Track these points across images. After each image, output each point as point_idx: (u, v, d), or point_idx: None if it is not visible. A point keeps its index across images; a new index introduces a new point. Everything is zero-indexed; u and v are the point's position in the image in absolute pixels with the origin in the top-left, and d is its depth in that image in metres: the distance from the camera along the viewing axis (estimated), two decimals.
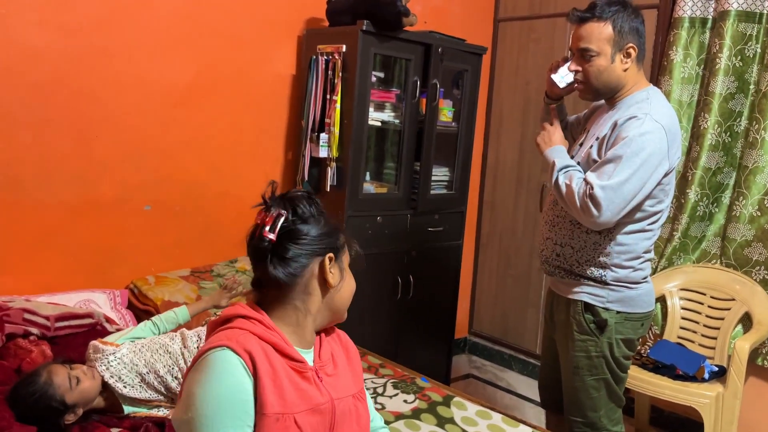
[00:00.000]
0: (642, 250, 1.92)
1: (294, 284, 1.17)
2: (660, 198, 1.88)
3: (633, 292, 1.93)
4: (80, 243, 2.45)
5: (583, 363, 1.96)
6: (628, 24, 1.85)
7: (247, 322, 1.16)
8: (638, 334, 1.98)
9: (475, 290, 4.03)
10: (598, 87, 1.91)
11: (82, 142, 2.41)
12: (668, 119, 1.82)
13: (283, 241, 1.15)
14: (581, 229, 1.93)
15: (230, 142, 2.81)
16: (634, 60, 1.88)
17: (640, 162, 1.75)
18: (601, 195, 1.76)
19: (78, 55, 2.36)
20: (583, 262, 1.94)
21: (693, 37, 2.94)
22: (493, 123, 3.87)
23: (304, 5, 2.94)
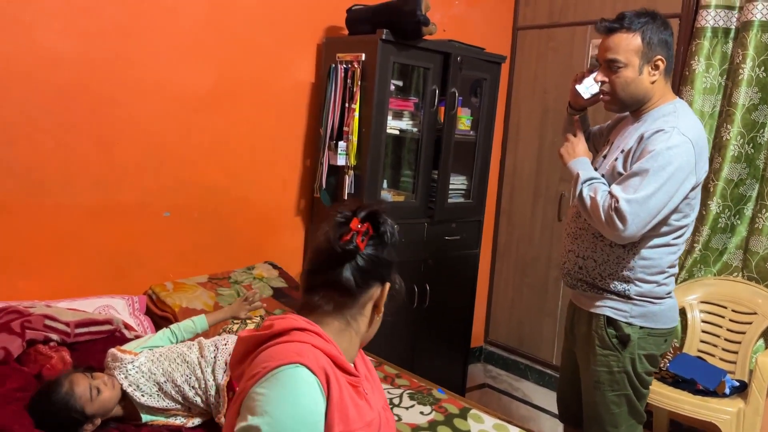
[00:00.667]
0: (666, 264, 1.89)
1: (356, 299, 1.16)
2: (686, 212, 1.86)
3: (657, 307, 1.90)
4: (100, 248, 2.47)
5: (605, 378, 1.93)
6: (657, 36, 1.83)
7: (305, 334, 1.12)
8: (661, 350, 1.95)
9: (491, 299, 4.00)
10: (625, 99, 1.89)
11: (103, 148, 2.43)
12: (696, 132, 1.80)
13: (366, 254, 1.15)
14: (604, 242, 1.90)
15: (249, 148, 2.82)
16: (662, 72, 1.86)
17: (666, 176, 1.74)
18: (627, 209, 1.74)
19: (100, 61, 2.38)
20: (605, 276, 1.91)
21: (715, 47, 2.91)
22: (511, 131, 3.85)
23: (323, 14, 2.95)
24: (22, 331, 1.89)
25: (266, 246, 2.94)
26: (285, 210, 2.99)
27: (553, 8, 3.61)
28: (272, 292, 2.69)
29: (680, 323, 2.99)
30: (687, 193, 1.80)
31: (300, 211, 3.04)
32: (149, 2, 2.46)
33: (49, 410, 1.65)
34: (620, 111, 2.00)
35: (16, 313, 1.96)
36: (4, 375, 1.75)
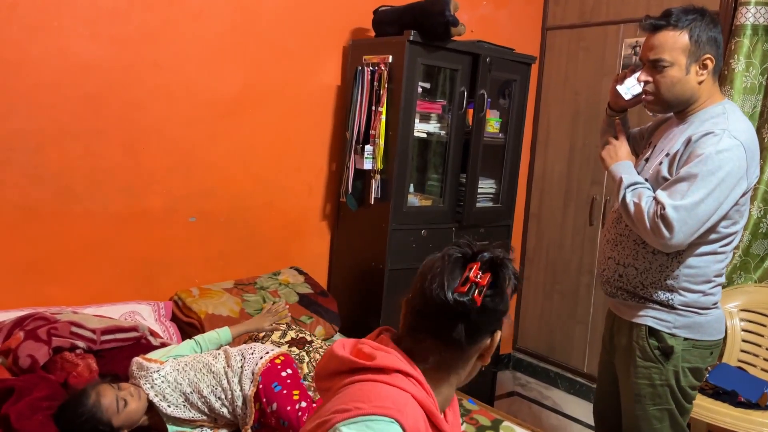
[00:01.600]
0: (713, 273, 1.79)
1: (464, 352, 1.06)
2: (735, 219, 1.76)
3: (702, 318, 1.80)
4: (127, 253, 2.46)
5: (646, 391, 1.84)
6: (706, 34, 1.73)
7: (408, 381, 1.03)
8: (707, 363, 1.85)
9: (520, 305, 3.93)
10: (670, 99, 1.80)
11: (130, 153, 2.43)
12: (747, 135, 1.70)
13: (483, 308, 1.03)
14: (646, 249, 1.81)
15: (275, 153, 2.80)
16: (710, 72, 1.76)
17: (717, 181, 1.65)
18: (674, 216, 1.65)
19: (128, 66, 2.38)
20: (648, 285, 1.82)
21: (756, 45, 2.80)
22: (541, 134, 3.78)
23: (350, 16, 2.92)
24: (48, 338, 1.88)
25: (292, 251, 2.92)
26: (311, 215, 2.96)
27: (584, 7, 3.53)
28: (298, 298, 2.66)
29: None
30: (737, 199, 1.71)
31: (326, 216, 3.00)
32: (176, 8, 2.45)
33: (75, 422, 1.64)
34: (664, 112, 1.91)
35: (42, 320, 1.96)
36: (31, 383, 1.74)
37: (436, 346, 1.05)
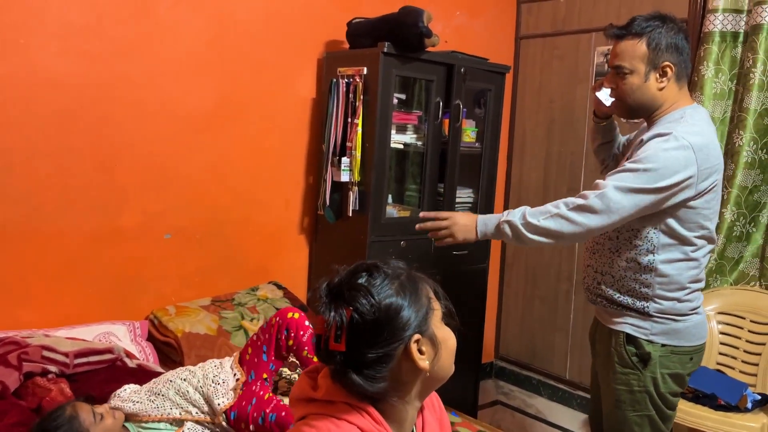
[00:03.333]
0: (687, 280, 1.79)
1: (381, 385, 1.01)
2: (699, 222, 1.76)
3: (680, 324, 1.80)
4: (101, 273, 2.42)
5: (625, 397, 1.84)
6: (665, 40, 1.75)
7: (355, 413, 1.00)
8: (687, 369, 1.84)
9: (500, 313, 3.93)
10: (632, 105, 1.84)
11: (103, 171, 2.39)
12: (698, 139, 1.70)
13: (356, 347, 0.98)
14: (620, 258, 1.82)
15: (251, 167, 2.77)
16: (671, 78, 1.78)
17: (654, 175, 1.67)
18: (612, 195, 1.68)
19: (99, 82, 2.34)
20: (624, 292, 1.83)
21: (724, 51, 2.85)
22: (517, 142, 3.80)
23: (323, 28, 2.91)
24: (19, 363, 1.83)
25: (270, 266, 2.89)
26: (288, 228, 2.93)
27: (556, 16, 3.57)
28: None
29: None
30: (681, 199, 1.71)
31: (304, 229, 2.98)
32: (149, 22, 2.42)
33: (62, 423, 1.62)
34: (629, 118, 1.92)
35: (13, 344, 1.91)
36: (1, 410, 1.69)
37: (359, 385, 1.00)
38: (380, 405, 1.03)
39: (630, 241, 1.80)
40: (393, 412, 1.04)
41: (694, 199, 1.72)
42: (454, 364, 1.10)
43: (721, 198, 2.79)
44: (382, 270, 1.04)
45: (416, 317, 1.02)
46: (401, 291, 1.02)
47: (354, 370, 0.99)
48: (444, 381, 1.09)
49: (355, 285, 1.01)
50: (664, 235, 1.75)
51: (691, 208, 1.73)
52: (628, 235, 1.80)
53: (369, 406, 1.02)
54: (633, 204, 1.68)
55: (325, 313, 1.00)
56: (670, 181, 1.66)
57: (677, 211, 1.73)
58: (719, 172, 1.77)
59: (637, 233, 1.78)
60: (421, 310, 1.04)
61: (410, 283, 1.05)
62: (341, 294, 1.01)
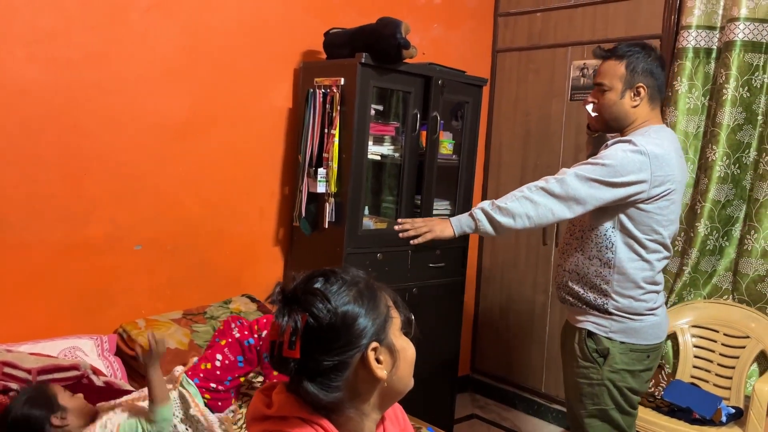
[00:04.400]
0: (642, 280, 1.96)
1: (336, 395, 0.98)
2: (651, 226, 1.94)
3: (637, 323, 1.97)
4: (67, 285, 2.34)
5: (586, 390, 2.00)
6: (642, 65, 1.97)
7: (308, 426, 0.97)
8: (644, 365, 2.00)
9: (477, 327, 3.91)
10: (608, 119, 2.05)
11: (71, 180, 2.32)
12: (656, 149, 1.90)
13: (311, 354, 0.95)
14: (584, 254, 2.02)
15: (226, 177, 2.72)
16: (644, 99, 1.99)
17: (609, 170, 1.88)
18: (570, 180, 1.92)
19: (69, 90, 2.28)
20: (587, 290, 2.02)
21: (698, 67, 2.89)
22: (493, 155, 3.80)
23: (300, 38, 2.88)
24: None
25: (244, 278, 2.83)
26: (263, 240, 2.88)
27: (532, 30, 3.59)
28: None
29: (671, 348, 2.93)
30: (634, 198, 1.90)
31: (279, 241, 2.93)
32: (120, 28, 2.37)
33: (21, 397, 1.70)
34: (606, 131, 2.13)
35: None
36: None
37: (313, 394, 0.98)
38: (336, 417, 1.00)
39: (592, 240, 2.00)
40: (349, 425, 1.01)
41: (647, 202, 1.92)
42: (413, 377, 1.08)
43: (695, 212, 2.85)
44: (339, 276, 1.02)
45: (374, 325, 1.00)
46: (359, 298, 1.00)
47: (308, 378, 0.97)
48: (402, 394, 1.06)
49: (311, 290, 0.98)
50: (621, 233, 1.96)
51: (645, 211, 1.93)
52: (591, 234, 2.00)
53: (323, 419, 0.99)
54: (588, 192, 1.90)
55: (279, 318, 0.97)
56: (624, 179, 1.88)
57: (632, 212, 1.93)
58: (674, 182, 1.94)
59: (598, 232, 1.99)
60: (379, 318, 1.01)
61: (368, 291, 1.02)
62: (296, 299, 0.98)
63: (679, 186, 1.97)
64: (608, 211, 1.95)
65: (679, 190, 1.98)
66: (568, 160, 3.35)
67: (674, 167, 1.93)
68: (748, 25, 2.72)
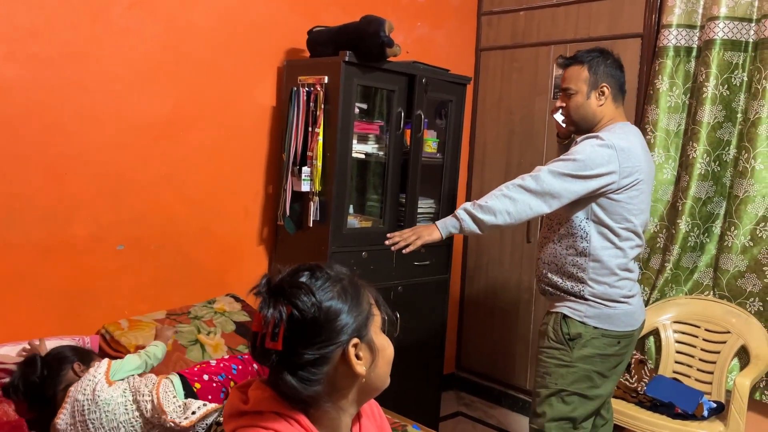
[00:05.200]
0: (617, 266, 2.07)
1: (316, 389, 0.99)
2: (623, 215, 2.04)
3: (611, 310, 2.08)
4: (49, 286, 2.31)
5: (553, 370, 2.10)
6: (602, 68, 2.13)
7: (283, 421, 0.98)
8: (613, 351, 2.09)
9: (462, 324, 3.92)
10: (577, 120, 2.19)
11: (53, 179, 2.29)
12: (622, 142, 2.02)
13: (293, 347, 0.96)
14: (561, 245, 2.13)
15: (209, 176, 2.70)
16: (608, 98, 2.13)
17: (578, 165, 1.99)
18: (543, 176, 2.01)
19: (50, 87, 2.25)
20: (565, 279, 2.12)
21: (678, 65, 2.92)
22: (477, 153, 3.81)
23: (284, 36, 2.87)
24: None
25: (228, 277, 2.82)
26: (247, 239, 2.87)
27: (515, 29, 3.60)
28: (234, 326, 2.56)
29: (654, 344, 2.96)
30: (605, 189, 2.01)
31: (263, 240, 2.92)
32: (101, 25, 2.35)
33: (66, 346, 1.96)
34: (576, 132, 2.23)
35: None
36: None
37: (293, 386, 0.98)
38: (313, 411, 1.01)
39: (568, 231, 2.11)
40: (326, 419, 1.03)
41: (618, 192, 2.03)
42: (389, 376, 1.09)
43: (677, 209, 2.88)
44: (324, 271, 1.03)
45: (356, 321, 1.01)
46: (343, 294, 1.01)
47: (289, 371, 0.98)
48: (379, 391, 1.08)
49: (297, 283, 1.00)
50: (594, 223, 2.06)
51: (616, 201, 2.03)
52: (566, 225, 2.11)
53: (299, 413, 1.00)
54: (562, 186, 2.00)
55: (264, 310, 0.98)
56: (594, 171, 1.99)
57: (604, 202, 2.04)
58: (641, 173, 2.05)
59: (572, 223, 2.09)
60: (361, 314, 1.03)
61: (352, 288, 1.04)
62: (282, 291, 0.99)
63: (646, 177, 2.08)
64: (581, 203, 2.05)
65: (647, 181, 2.09)
66: (552, 157, 3.34)
67: (640, 159, 2.05)
68: (727, 23, 2.75)
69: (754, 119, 2.71)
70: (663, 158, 2.96)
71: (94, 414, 1.77)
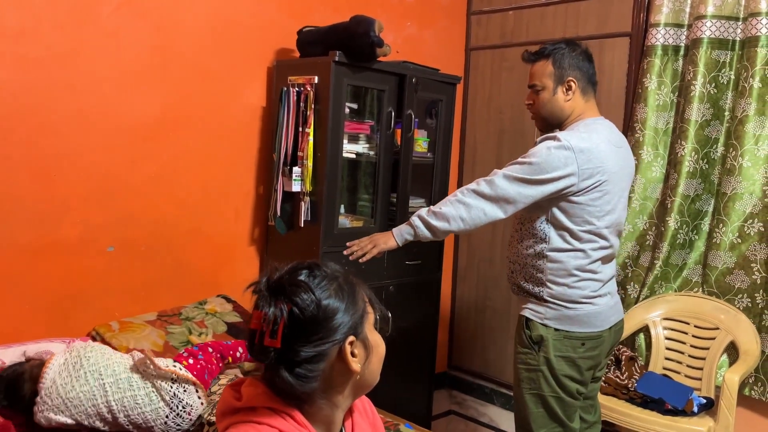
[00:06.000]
0: (574, 268, 2.00)
1: (311, 386, 1.01)
2: (584, 218, 1.97)
3: (571, 311, 2.02)
4: (39, 288, 2.30)
5: (524, 375, 2.06)
6: (568, 60, 2.04)
7: (277, 416, 0.99)
8: (579, 353, 2.03)
9: (453, 323, 3.93)
10: (545, 116, 2.12)
11: (42, 181, 2.28)
12: (582, 143, 1.93)
13: (291, 344, 0.98)
14: (522, 246, 2.08)
15: (200, 177, 2.70)
16: (576, 92, 2.06)
17: (533, 169, 1.93)
18: (497, 179, 1.98)
19: (38, 89, 2.24)
20: (527, 279, 2.08)
21: (666, 64, 2.94)
22: (468, 153, 3.82)
23: (273, 36, 2.87)
24: None
25: (219, 278, 2.81)
26: (238, 240, 2.87)
27: (505, 28, 3.62)
28: (226, 327, 2.56)
29: (644, 340, 2.98)
30: (564, 192, 1.94)
31: (254, 241, 2.92)
32: (90, 27, 2.34)
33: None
34: (545, 129, 2.16)
35: None
36: None
37: (290, 383, 1.00)
38: (307, 407, 1.03)
39: (529, 232, 2.06)
40: (320, 415, 1.04)
41: (578, 195, 1.95)
42: (380, 373, 1.11)
43: (666, 206, 2.90)
44: (322, 269, 1.05)
45: (352, 319, 1.03)
46: (339, 292, 1.03)
47: (286, 368, 0.99)
48: (370, 387, 1.10)
49: (297, 281, 1.01)
50: (554, 226, 2.00)
51: (577, 203, 1.96)
52: (528, 226, 2.06)
53: (294, 409, 1.01)
54: (516, 191, 1.95)
55: (264, 308, 0.99)
56: (550, 175, 1.92)
57: (563, 205, 1.97)
58: (605, 174, 1.96)
59: (533, 224, 2.04)
60: (357, 312, 1.04)
61: (348, 286, 1.06)
62: (282, 289, 1.00)
63: (613, 177, 1.99)
64: (541, 205, 1.99)
65: (614, 181, 2.00)
66: None
67: (604, 159, 1.95)
68: (714, 22, 2.78)
69: (741, 117, 2.73)
70: (652, 156, 2.98)
71: (91, 352, 1.92)
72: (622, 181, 2.06)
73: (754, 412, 2.78)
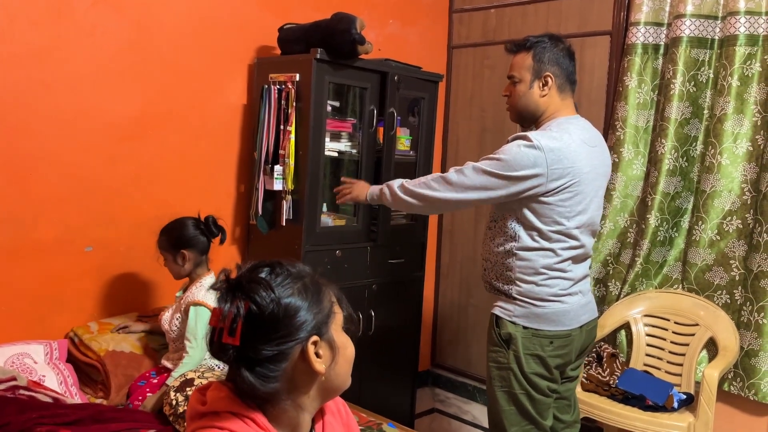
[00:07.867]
0: (541, 266, 1.99)
1: (274, 386, 0.99)
2: (553, 218, 1.95)
3: (539, 309, 2.00)
4: (15, 290, 2.26)
5: (495, 373, 2.05)
6: (548, 54, 2.01)
7: (238, 421, 0.98)
8: (547, 352, 2.01)
9: (436, 322, 3.94)
10: (520, 110, 2.08)
11: (17, 181, 2.24)
12: (553, 143, 1.91)
13: (251, 342, 0.96)
14: (494, 243, 2.06)
15: (180, 176, 2.67)
16: (553, 88, 2.02)
17: (501, 165, 1.92)
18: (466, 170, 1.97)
19: (13, 87, 2.20)
20: (498, 277, 2.07)
21: (646, 63, 2.96)
22: (450, 151, 3.82)
23: (254, 33, 2.84)
24: None
25: None
26: None
27: (487, 26, 3.62)
28: None
29: (625, 337, 3.00)
30: (531, 192, 1.92)
31: (236, 240, 2.89)
32: (66, 24, 2.30)
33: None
34: (520, 122, 2.14)
35: None
36: None
37: (250, 383, 0.98)
38: (271, 409, 1.01)
39: (500, 230, 2.05)
40: (284, 417, 1.03)
41: (547, 195, 1.93)
42: (350, 376, 1.09)
43: (646, 204, 2.92)
44: (285, 268, 1.04)
45: (315, 318, 1.01)
46: (303, 291, 1.02)
47: (246, 367, 0.98)
48: (340, 391, 1.08)
49: (256, 278, 1.00)
50: (523, 225, 1.99)
51: (546, 204, 1.94)
52: (500, 224, 2.05)
53: (256, 412, 1.00)
54: (482, 184, 1.94)
55: (222, 304, 0.98)
56: (517, 173, 1.90)
57: (533, 205, 1.95)
58: (576, 175, 1.94)
59: (504, 223, 2.03)
60: (321, 312, 1.03)
61: (313, 286, 1.05)
62: (240, 286, 0.99)
63: (585, 177, 1.96)
64: (512, 204, 1.99)
65: (587, 181, 1.97)
66: None
67: (575, 159, 1.93)
68: (693, 21, 2.80)
69: (720, 115, 2.75)
70: (633, 154, 3.00)
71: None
72: (596, 181, 2.03)
73: (732, 407, 2.81)
